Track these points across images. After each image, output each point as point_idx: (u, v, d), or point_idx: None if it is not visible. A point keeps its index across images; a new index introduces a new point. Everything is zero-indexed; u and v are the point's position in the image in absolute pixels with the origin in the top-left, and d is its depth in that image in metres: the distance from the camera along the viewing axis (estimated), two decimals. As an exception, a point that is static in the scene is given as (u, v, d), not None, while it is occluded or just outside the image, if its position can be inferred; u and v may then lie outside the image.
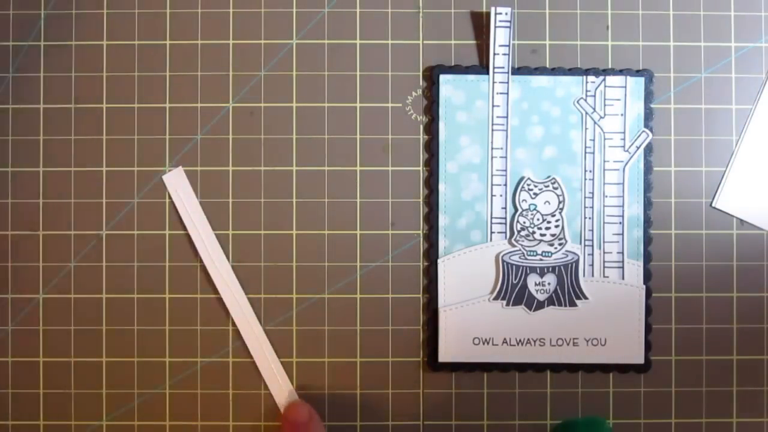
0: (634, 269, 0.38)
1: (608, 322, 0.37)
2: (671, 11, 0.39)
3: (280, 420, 0.38)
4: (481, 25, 0.39)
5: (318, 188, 0.39)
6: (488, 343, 0.38)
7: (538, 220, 0.38)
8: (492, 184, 0.38)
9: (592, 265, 0.38)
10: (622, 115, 0.38)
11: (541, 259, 0.38)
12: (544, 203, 0.38)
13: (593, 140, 0.38)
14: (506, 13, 0.38)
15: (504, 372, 0.39)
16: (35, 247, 0.38)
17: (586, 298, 0.38)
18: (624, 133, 0.38)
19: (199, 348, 0.38)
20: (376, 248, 0.39)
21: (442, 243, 0.38)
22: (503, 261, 0.38)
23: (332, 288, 0.39)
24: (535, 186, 0.38)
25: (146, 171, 0.39)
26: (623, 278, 0.38)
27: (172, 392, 0.38)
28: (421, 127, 0.39)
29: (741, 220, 0.39)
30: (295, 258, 0.39)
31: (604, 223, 0.38)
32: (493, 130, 0.38)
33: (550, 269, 0.38)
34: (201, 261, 0.38)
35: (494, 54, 0.38)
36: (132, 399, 0.39)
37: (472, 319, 0.38)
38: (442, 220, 0.38)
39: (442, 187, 0.38)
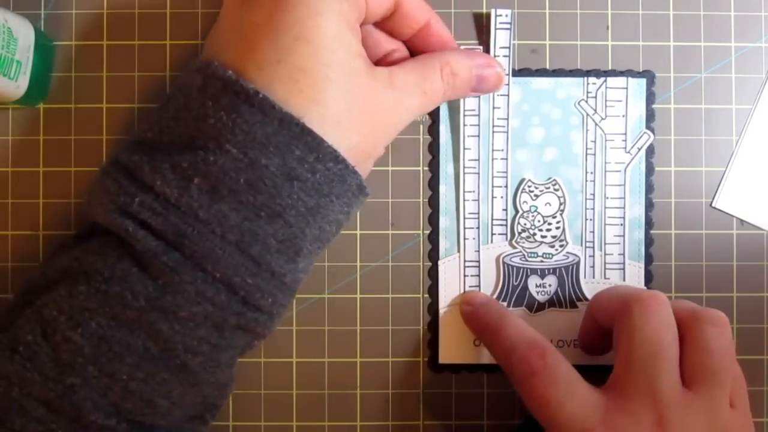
0: (635, 271, 0.38)
1: (608, 323, 0.36)
2: (671, 11, 0.39)
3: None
4: (481, 26, 0.38)
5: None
6: (489, 344, 0.38)
7: (538, 221, 0.38)
8: (493, 186, 0.38)
9: (593, 266, 0.38)
10: (623, 116, 0.38)
11: (541, 261, 0.38)
12: (545, 205, 0.38)
13: (594, 142, 0.38)
14: (506, 15, 0.38)
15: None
16: (35, 247, 0.38)
17: (587, 299, 0.38)
18: (625, 134, 0.38)
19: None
20: (376, 248, 0.39)
21: (443, 244, 0.38)
22: (504, 263, 0.38)
23: (332, 288, 0.39)
24: (536, 188, 0.38)
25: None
26: (624, 280, 0.38)
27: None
28: (422, 127, 0.39)
29: (741, 220, 0.39)
30: (296, 258, 0.38)
31: (605, 224, 0.38)
32: (493, 131, 0.38)
33: (551, 271, 0.38)
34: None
35: (495, 56, 0.38)
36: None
37: (472, 320, 0.38)
38: (443, 222, 0.38)
39: (443, 188, 0.38)
